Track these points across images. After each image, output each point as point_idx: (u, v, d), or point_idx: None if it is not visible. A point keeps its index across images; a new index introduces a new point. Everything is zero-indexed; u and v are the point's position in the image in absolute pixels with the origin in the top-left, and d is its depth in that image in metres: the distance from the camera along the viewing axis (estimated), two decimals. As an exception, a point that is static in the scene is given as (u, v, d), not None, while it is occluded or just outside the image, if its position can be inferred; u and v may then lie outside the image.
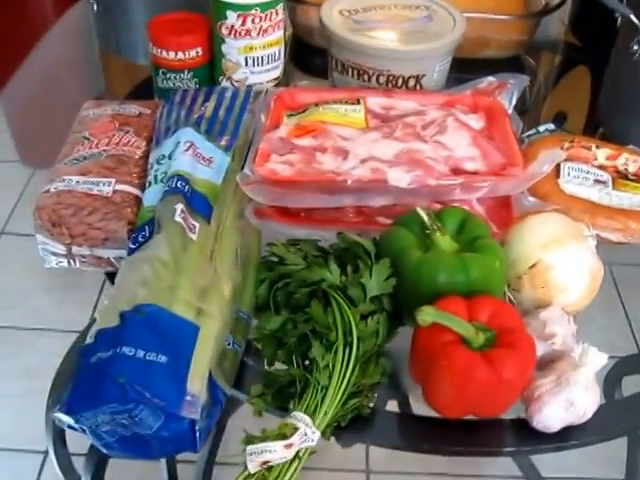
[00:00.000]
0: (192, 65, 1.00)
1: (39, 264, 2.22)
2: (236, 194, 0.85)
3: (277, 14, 0.96)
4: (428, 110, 0.91)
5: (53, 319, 2.09)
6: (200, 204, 0.81)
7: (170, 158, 0.85)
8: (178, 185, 0.80)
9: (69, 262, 0.86)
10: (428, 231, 0.77)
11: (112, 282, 0.85)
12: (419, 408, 0.75)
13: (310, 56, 1.16)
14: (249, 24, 0.94)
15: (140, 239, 0.80)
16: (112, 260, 0.85)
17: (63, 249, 0.85)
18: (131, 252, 0.80)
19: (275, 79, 1.01)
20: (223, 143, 0.88)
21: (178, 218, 0.77)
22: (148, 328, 0.68)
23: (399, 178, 0.82)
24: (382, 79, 0.98)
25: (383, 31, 1.00)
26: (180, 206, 0.78)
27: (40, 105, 1.22)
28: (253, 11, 0.94)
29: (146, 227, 0.81)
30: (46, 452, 1.78)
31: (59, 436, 0.84)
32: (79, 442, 0.76)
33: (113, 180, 0.86)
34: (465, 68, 1.05)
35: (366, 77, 0.99)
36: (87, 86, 1.26)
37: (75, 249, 0.85)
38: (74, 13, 1.36)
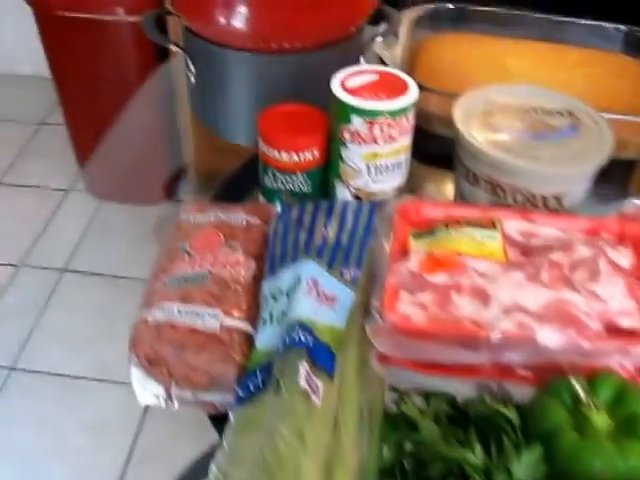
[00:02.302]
0: (305, 167, 0.88)
1: (100, 307, 2.12)
2: (359, 338, 0.75)
3: (408, 121, 0.85)
4: (574, 243, 0.80)
5: (113, 369, 2.00)
6: (324, 357, 0.71)
7: (288, 296, 0.75)
8: (301, 338, 0.70)
9: (166, 403, 0.76)
10: (581, 405, 0.68)
11: (216, 428, 0.76)
12: None
13: (427, 143, 1.04)
14: (376, 131, 0.83)
15: (251, 387, 0.71)
16: (217, 405, 0.75)
17: (161, 390, 0.75)
18: (239, 400, 0.71)
19: (398, 187, 0.90)
20: (347, 277, 0.77)
21: (302, 382, 0.67)
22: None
23: (549, 337, 0.72)
24: (519, 197, 0.87)
25: (524, 143, 0.88)
26: (304, 367, 0.68)
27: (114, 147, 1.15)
28: (382, 118, 0.83)
29: (258, 373, 0.72)
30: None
31: None
32: None
33: (220, 312, 0.76)
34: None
35: (501, 193, 0.87)
36: (167, 152, 1.19)
37: (175, 391, 0.75)
38: (158, 79, 1.28)
